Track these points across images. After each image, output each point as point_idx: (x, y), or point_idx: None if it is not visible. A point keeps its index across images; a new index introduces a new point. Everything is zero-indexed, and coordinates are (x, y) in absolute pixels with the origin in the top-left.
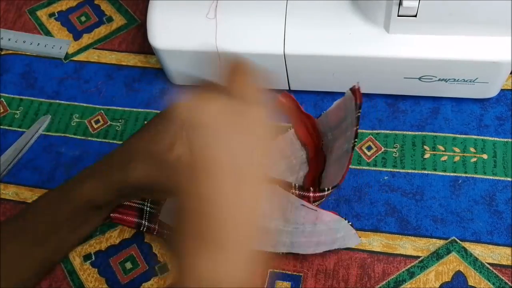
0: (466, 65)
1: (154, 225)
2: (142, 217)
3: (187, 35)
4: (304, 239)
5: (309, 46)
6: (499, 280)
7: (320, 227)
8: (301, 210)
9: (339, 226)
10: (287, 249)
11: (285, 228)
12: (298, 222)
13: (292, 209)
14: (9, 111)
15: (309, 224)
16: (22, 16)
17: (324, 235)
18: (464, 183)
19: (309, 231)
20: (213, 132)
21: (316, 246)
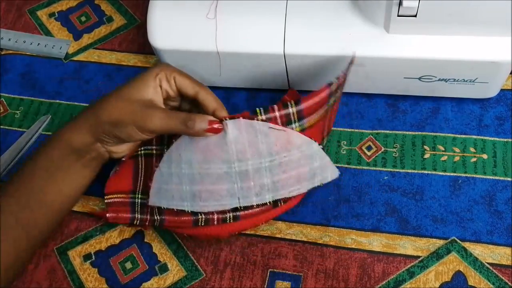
0: (466, 65)
1: (146, 215)
2: (134, 211)
3: (187, 35)
4: (284, 175)
5: (309, 46)
6: (499, 280)
7: (295, 154)
8: (271, 136)
9: (312, 151)
10: (272, 195)
11: (262, 165)
12: (272, 152)
13: (262, 138)
14: (9, 111)
15: (283, 151)
16: (22, 16)
17: (302, 166)
18: (464, 183)
19: (286, 161)
20: None
21: (298, 183)
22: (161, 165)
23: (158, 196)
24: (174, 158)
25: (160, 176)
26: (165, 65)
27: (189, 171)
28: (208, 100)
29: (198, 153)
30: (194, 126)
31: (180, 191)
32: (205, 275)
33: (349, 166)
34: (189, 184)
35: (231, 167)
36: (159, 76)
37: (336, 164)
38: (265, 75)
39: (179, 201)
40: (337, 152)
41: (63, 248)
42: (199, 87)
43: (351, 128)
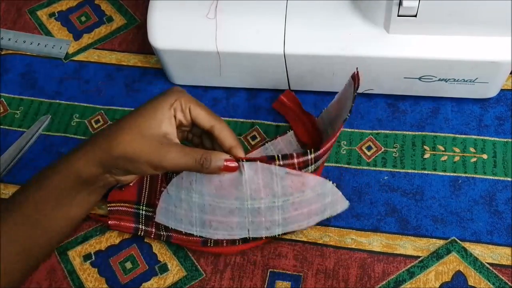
0: (466, 65)
1: (151, 228)
2: (138, 222)
3: (187, 35)
4: (295, 212)
5: (309, 46)
6: (499, 280)
7: (308, 194)
8: (287, 179)
9: (326, 190)
10: (282, 229)
11: (275, 204)
12: (286, 193)
13: (278, 181)
14: (9, 111)
15: (297, 192)
16: (22, 16)
17: (314, 203)
18: (464, 183)
19: (298, 201)
20: None
21: (308, 218)
22: (169, 188)
23: (166, 216)
24: (184, 185)
25: (168, 198)
26: (180, 93)
27: (199, 201)
28: (224, 136)
29: (210, 187)
30: (210, 166)
31: (189, 217)
32: (205, 275)
33: (349, 166)
34: (199, 212)
35: (243, 204)
36: (174, 106)
37: (336, 164)
38: (265, 75)
39: (188, 225)
40: (337, 152)
41: (63, 248)
42: (215, 120)
43: (351, 128)
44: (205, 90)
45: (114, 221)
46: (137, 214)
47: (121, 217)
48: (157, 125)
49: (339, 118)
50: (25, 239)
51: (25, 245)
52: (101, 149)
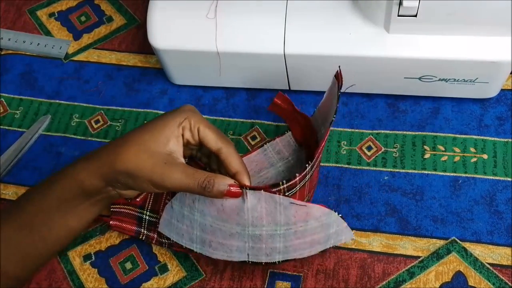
0: (466, 65)
1: (153, 233)
2: (141, 226)
3: (187, 35)
4: (297, 241)
5: (309, 46)
6: (499, 280)
7: (312, 224)
8: (291, 209)
9: (330, 221)
10: (282, 256)
11: (277, 232)
12: (289, 222)
13: (281, 210)
14: (9, 111)
15: (301, 222)
16: (22, 16)
17: (317, 233)
18: (464, 183)
19: (301, 230)
20: None
21: (310, 247)
22: (173, 201)
23: (168, 228)
24: (187, 202)
25: (171, 211)
26: (190, 112)
27: (201, 220)
28: (230, 161)
29: (212, 209)
30: (212, 190)
31: (190, 233)
32: (205, 275)
33: (349, 166)
34: (200, 231)
35: (244, 229)
36: (183, 125)
37: (336, 164)
38: (265, 75)
39: (188, 241)
40: (337, 152)
41: None
42: (223, 143)
43: (351, 128)
44: (205, 90)
45: (115, 222)
46: (140, 218)
47: (123, 219)
48: (164, 142)
49: (328, 118)
50: (24, 246)
51: (23, 252)
52: (104, 162)
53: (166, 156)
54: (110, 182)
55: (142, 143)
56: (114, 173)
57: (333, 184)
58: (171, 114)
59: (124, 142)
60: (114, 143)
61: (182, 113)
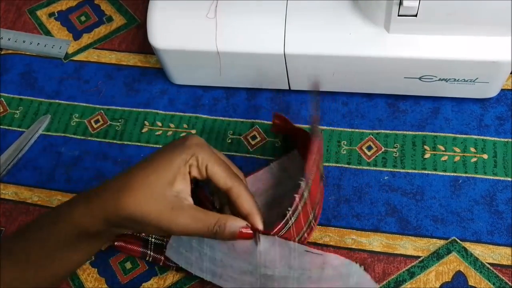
0: (466, 65)
1: (160, 255)
2: (147, 247)
3: (187, 35)
4: (312, 285)
5: (309, 46)
6: (499, 280)
7: (329, 272)
8: (306, 257)
9: (350, 271)
10: None
11: (290, 274)
12: (304, 268)
13: (296, 256)
14: (9, 111)
15: (316, 269)
16: (22, 16)
17: (336, 281)
18: (465, 183)
19: (316, 277)
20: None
21: None
22: None
23: (176, 256)
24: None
25: (179, 240)
26: (198, 147)
27: (211, 254)
28: (242, 201)
29: (223, 246)
30: (223, 234)
31: (200, 264)
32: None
33: (349, 166)
34: (210, 264)
35: (256, 269)
36: (190, 163)
37: (336, 164)
38: (265, 75)
39: (198, 270)
40: (337, 152)
41: None
42: (232, 182)
43: (351, 128)
44: (205, 90)
45: (120, 243)
46: (146, 240)
47: (128, 240)
48: (170, 183)
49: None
50: (26, 281)
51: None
52: (107, 206)
53: (173, 199)
54: (113, 226)
55: (147, 186)
56: (118, 219)
57: (333, 184)
58: (177, 150)
59: (128, 184)
60: (116, 182)
61: (189, 150)
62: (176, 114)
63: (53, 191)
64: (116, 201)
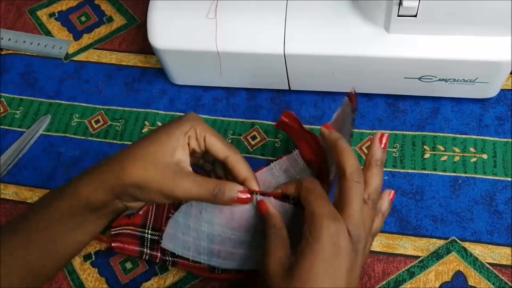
0: (466, 65)
1: (156, 252)
2: (143, 245)
3: (187, 35)
4: None
5: (309, 46)
6: (499, 280)
7: None
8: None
9: None
10: None
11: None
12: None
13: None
14: (9, 111)
15: None
16: (22, 16)
17: None
18: (464, 183)
19: None
20: None
21: None
22: (177, 214)
23: (173, 242)
24: (193, 213)
25: (176, 224)
26: (195, 121)
27: (209, 230)
28: (238, 168)
29: (221, 218)
30: (223, 197)
31: (197, 245)
32: None
33: None
34: (207, 242)
35: (254, 238)
36: (189, 134)
37: None
38: (265, 75)
39: (195, 253)
40: None
41: None
42: (230, 151)
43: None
44: (205, 90)
45: (118, 244)
46: (142, 238)
47: (125, 240)
48: (170, 153)
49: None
50: (29, 262)
51: (28, 267)
52: (111, 176)
53: (174, 166)
54: (118, 195)
55: (149, 155)
56: (122, 186)
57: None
58: (175, 124)
59: (130, 155)
60: (119, 155)
61: (187, 122)
62: (176, 114)
63: None
64: (120, 170)
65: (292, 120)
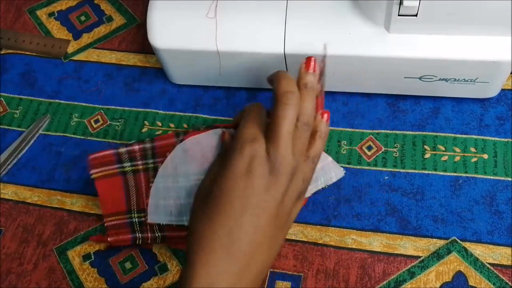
0: (466, 65)
1: (147, 233)
2: (134, 231)
3: (187, 35)
4: None
5: (309, 46)
6: (500, 280)
7: None
8: None
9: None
10: None
11: None
12: None
13: None
14: (9, 110)
15: None
16: (22, 16)
17: None
18: (465, 183)
19: None
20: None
21: None
22: (156, 180)
23: (157, 213)
24: (169, 172)
25: (156, 191)
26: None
27: (185, 183)
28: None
29: (193, 164)
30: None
31: (178, 206)
32: None
33: (349, 166)
34: (186, 198)
35: None
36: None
37: None
38: (265, 75)
39: (177, 216)
40: (338, 152)
41: (62, 248)
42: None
43: (351, 127)
44: (205, 90)
45: (113, 237)
46: (131, 224)
47: (118, 231)
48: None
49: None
50: None
51: None
52: None
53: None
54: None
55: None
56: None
57: (333, 184)
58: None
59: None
60: None
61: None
62: (176, 114)
63: (52, 191)
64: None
65: None
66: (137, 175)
